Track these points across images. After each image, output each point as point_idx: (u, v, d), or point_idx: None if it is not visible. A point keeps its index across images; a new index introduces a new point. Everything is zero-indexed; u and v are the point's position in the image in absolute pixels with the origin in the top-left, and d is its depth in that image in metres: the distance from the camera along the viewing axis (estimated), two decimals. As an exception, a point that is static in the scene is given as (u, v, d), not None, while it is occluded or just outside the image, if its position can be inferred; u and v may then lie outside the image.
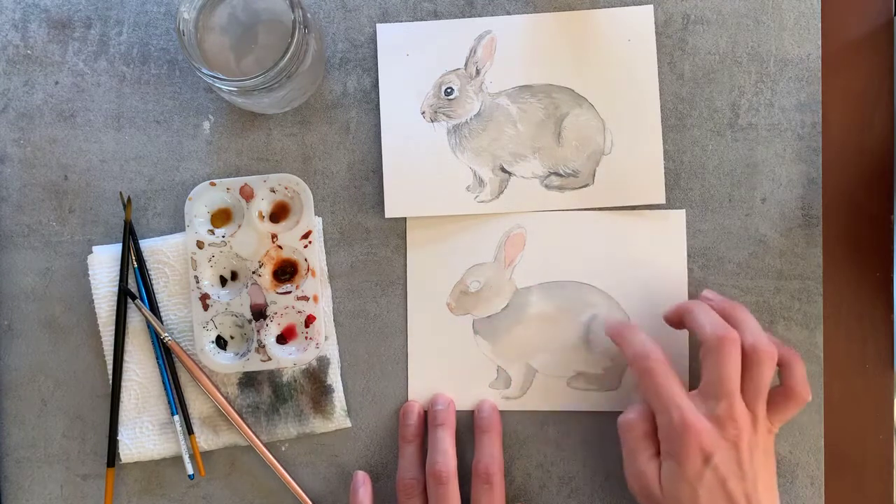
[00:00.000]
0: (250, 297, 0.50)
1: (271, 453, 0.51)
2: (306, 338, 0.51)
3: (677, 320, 0.48)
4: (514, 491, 0.51)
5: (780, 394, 0.45)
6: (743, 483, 0.43)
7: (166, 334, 0.50)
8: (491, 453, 0.49)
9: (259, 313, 0.51)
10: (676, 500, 0.43)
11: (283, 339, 0.51)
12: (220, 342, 0.51)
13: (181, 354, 0.50)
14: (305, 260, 0.51)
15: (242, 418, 0.51)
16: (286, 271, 0.51)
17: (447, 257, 0.52)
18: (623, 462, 0.46)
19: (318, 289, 0.51)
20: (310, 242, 0.51)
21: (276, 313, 0.51)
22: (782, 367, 0.46)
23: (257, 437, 0.51)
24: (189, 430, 0.51)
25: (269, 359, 0.50)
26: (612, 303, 0.51)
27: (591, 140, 0.51)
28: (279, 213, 0.52)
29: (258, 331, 0.50)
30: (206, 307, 0.51)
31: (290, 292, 0.51)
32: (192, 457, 0.51)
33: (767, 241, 0.51)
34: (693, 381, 0.50)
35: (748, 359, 0.44)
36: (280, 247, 0.51)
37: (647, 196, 0.51)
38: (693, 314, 0.46)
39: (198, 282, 0.51)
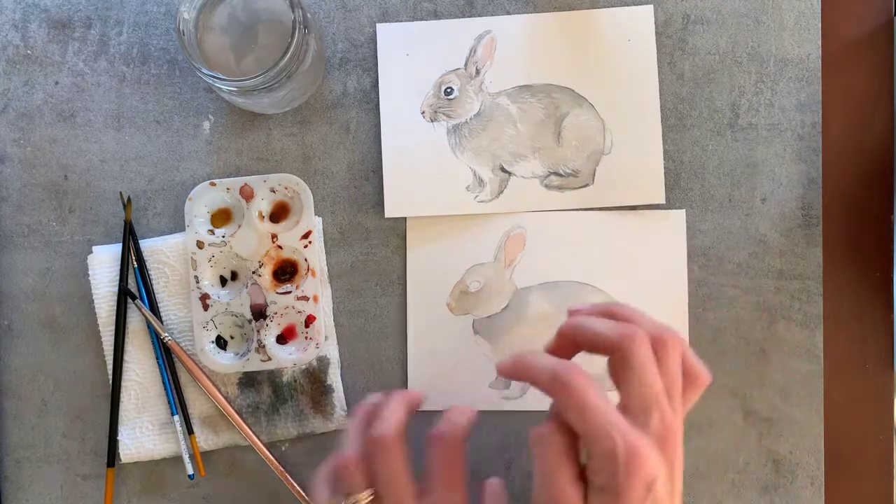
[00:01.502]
0: (250, 297, 0.50)
1: (271, 453, 0.51)
2: (306, 338, 0.51)
3: (566, 345, 0.41)
4: (514, 491, 0.51)
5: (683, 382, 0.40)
6: (671, 497, 0.37)
7: (166, 334, 0.50)
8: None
9: (259, 313, 0.51)
10: None
11: (283, 339, 0.51)
12: (220, 342, 0.51)
13: (181, 354, 0.50)
14: (305, 260, 0.51)
15: (242, 418, 0.51)
16: (286, 271, 0.51)
17: (447, 257, 0.52)
18: (533, 482, 0.39)
19: (318, 289, 0.51)
20: (310, 242, 0.51)
21: (276, 313, 0.51)
22: None
23: (257, 437, 0.51)
24: (189, 430, 0.51)
25: (269, 359, 0.50)
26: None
27: (591, 140, 0.51)
28: (279, 213, 0.52)
29: (258, 331, 0.50)
30: (206, 307, 0.51)
31: (290, 292, 0.51)
32: (192, 457, 0.51)
33: (767, 241, 0.51)
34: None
35: (656, 351, 0.39)
36: (280, 247, 0.51)
37: (647, 196, 0.51)
38: (582, 328, 0.40)
39: (198, 282, 0.51)
